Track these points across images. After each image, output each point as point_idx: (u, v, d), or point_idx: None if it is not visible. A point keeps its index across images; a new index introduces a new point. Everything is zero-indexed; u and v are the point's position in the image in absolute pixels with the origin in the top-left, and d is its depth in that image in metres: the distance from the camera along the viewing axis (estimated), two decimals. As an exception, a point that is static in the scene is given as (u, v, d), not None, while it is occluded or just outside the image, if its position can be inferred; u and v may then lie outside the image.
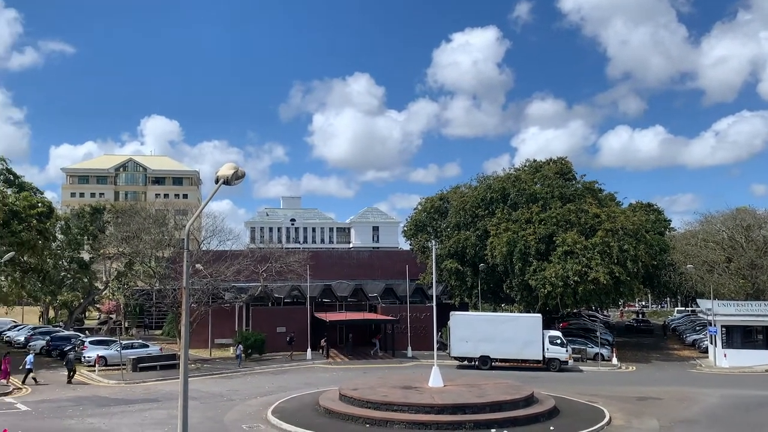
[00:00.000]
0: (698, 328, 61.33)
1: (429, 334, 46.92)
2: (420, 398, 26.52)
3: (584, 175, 58.26)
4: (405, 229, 62.53)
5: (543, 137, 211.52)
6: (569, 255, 48.28)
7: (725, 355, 46.61)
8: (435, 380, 29.40)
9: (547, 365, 44.07)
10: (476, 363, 44.28)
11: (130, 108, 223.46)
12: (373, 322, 55.17)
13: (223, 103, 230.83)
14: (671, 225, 71.51)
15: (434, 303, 33.29)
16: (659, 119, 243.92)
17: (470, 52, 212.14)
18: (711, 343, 50.29)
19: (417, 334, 52.18)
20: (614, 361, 48.16)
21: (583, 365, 46.91)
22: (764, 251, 55.48)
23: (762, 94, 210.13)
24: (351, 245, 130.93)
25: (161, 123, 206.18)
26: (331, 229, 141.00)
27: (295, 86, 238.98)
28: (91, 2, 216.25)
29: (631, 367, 47.11)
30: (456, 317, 45.79)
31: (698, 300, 61.07)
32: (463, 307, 55.07)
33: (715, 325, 47.43)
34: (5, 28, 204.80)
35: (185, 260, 13.73)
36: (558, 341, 44.76)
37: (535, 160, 59.99)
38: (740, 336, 47.42)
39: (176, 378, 37.38)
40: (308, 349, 49.53)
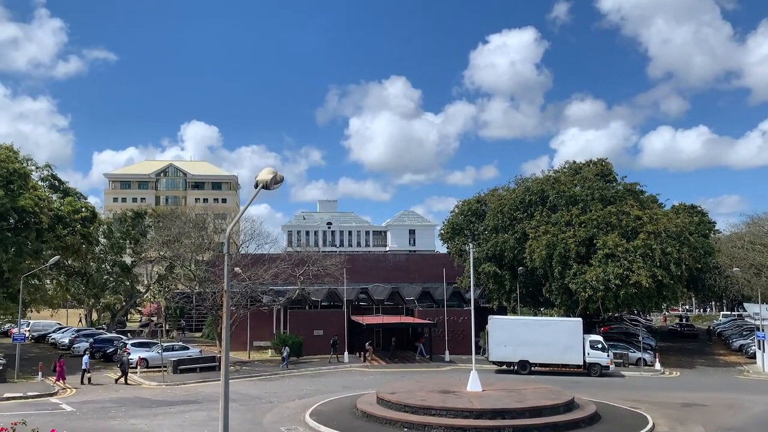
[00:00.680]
0: (745, 333, 59.67)
1: (467, 338, 46.43)
2: (458, 403, 26.24)
3: (625, 177, 57.15)
4: (442, 232, 62.16)
5: (582, 138, 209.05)
6: (610, 258, 47.44)
7: (774, 361, 45.22)
8: (473, 384, 29.12)
9: (588, 370, 43.33)
10: (515, 367, 43.76)
11: (171, 114, 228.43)
12: (411, 326, 55.00)
13: (261, 108, 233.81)
14: (716, 227, 69.69)
15: (472, 307, 33.07)
16: (703, 119, 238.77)
17: (508, 54, 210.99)
18: (759, 349, 48.80)
19: (455, 338, 51.84)
20: (657, 367, 47.12)
21: (625, 370, 46.05)
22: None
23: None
24: (387, 248, 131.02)
25: (201, 128, 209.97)
26: (368, 233, 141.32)
27: (332, 90, 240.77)
28: (133, 10, 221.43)
29: (675, 373, 46.01)
30: (494, 321, 45.34)
31: (745, 304, 59.42)
32: (502, 311, 54.55)
33: (764, 330, 45.99)
34: (51, 38, 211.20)
35: (226, 264, 13.82)
36: (599, 346, 44.00)
37: (575, 162, 59.10)
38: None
39: (215, 380, 37.85)
40: (345, 352, 49.60)
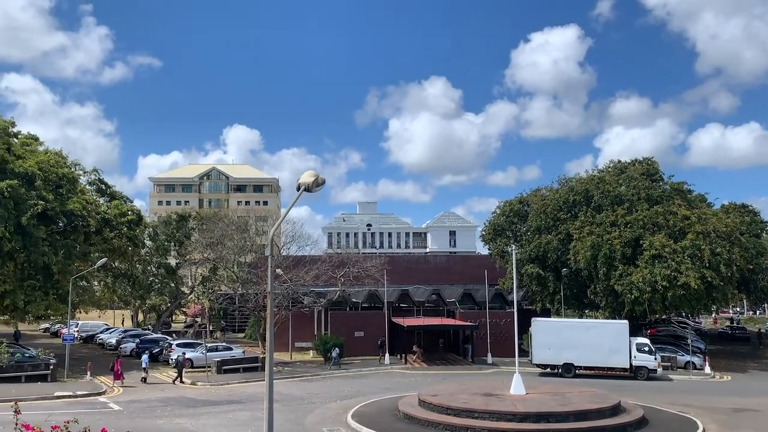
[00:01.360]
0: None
1: (509, 341, 46.05)
2: (501, 406, 25.90)
3: (672, 176, 56.01)
4: (483, 234, 61.65)
5: (628, 137, 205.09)
6: (657, 259, 46.41)
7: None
8: (516, 387, 28.71)
9: (635, 373, 42.44)
10: (559, 370, 43.12)
11: (214, 118, 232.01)
12: (452, 328, 54.66)
13: (301, 111, 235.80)
14: (768, 227, 67.50)
15: (515, 308, 32.59)
16: (754, 115, 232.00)
17: (550, 52, 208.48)
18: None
19: (497, 341, 51.30)
20: (707, 370, 45.86)
21: (673, 374, 44.96)
22: None
23: None
24: (427, 250, 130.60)
25: (243, 132, 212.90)
26: (407, 234, 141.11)
27: (371, 92, 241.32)
28: (176, 16, 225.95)
29: (726, 377, 44.69)
30: (538, 323, 44.74)
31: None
32: (545, 313, 53.90)
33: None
34: (97, 45, 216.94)
35: (269, 265, 13.89)
36: (646, 348, 43.03)
37: (620, 161, 58.05)
38: None
39: (258, 380, 38.19)
40: (386, 354, 49.54)
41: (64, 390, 33.70)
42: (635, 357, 42.58)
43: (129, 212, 50.63)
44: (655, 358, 42.97)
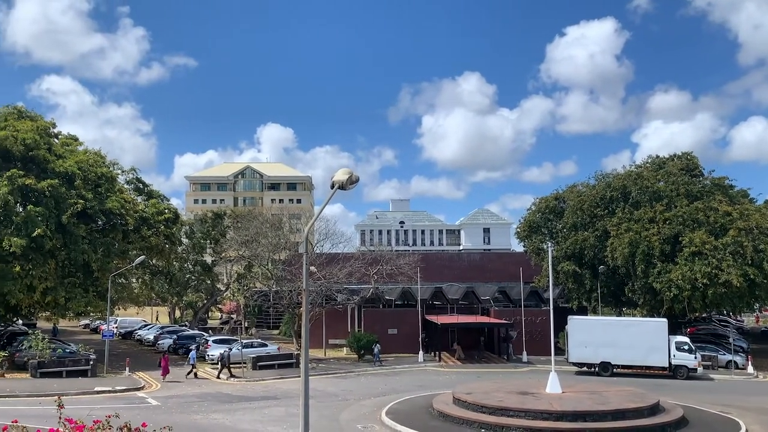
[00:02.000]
0: None
1: (545, 339, 45.46)
2: (537, 404, 25.60)
3: (713, 171, 54.73)
4: (518, 231, 61.09)
5: (667, 131, 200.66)
6: (697, 256, 45.42)
7: None
8: (553, 386, 28.39)
9: (674, 373, 41.63)
10: (596, 369, 42.53)
11: (248, 117, 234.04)
12: (487, 326, 54.29)
13: (334, 109, 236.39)
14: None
15: (551, 306, 32.25)
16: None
17: (586, 45, 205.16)
18: None
19: (532, 339, 50.80)
20: (749, 370, 44.77)
21: (714, 373, 44.00)
22: None
23: None
24: (461, 247, 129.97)
25: (276, 130, 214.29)
26: (441, 231, 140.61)
27: (404, 89, 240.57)
28: (212, 17, 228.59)
29: (770, 377, 43.53)
30: (574, 321, 44.18)
31: None
32: (582, 311, 53.23)
33: None
34: (134, 46, 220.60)
35: (304, 263, 13.93)
36: (685, 347, 42.17)
37: (658, 156, 56.94)
38: None
39: (293, 377, 38.46)
40: (420, 352, 49.44)
41: (104, 385, 34.38)
42: (674, 356, 41.78)
43: (166, 211, 51.41)
44: (695, 357, 42.10)
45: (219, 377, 38.89)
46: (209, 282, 67.11)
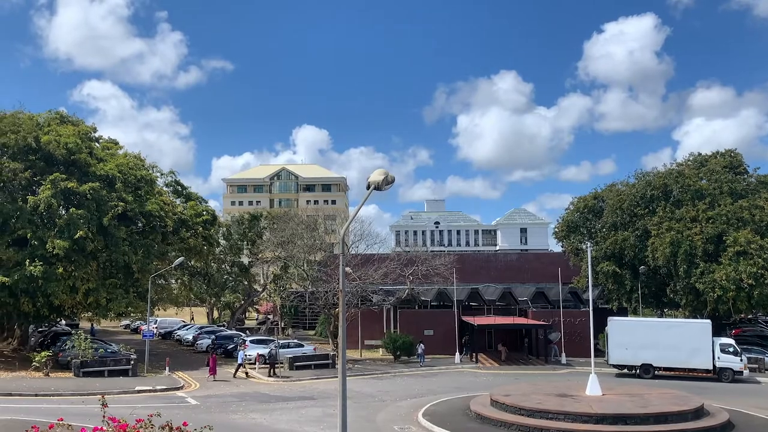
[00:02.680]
0: None
1: (584, 341, 44.85)
2: (577, 407, 25.22)
3: (758, 168, 53.23)
4: (556, 231, 60.30)
5: (709, 128, 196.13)
6: (742, 256, 44.24)
7: None
8: (592, 388, 27.92)
9: (719, 375, 40.61)
10: (637, 371, 41.75)
11: (283, 119, 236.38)
12: (524, 327, 53.70)
13: (369, 110, 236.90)
14: None
15: (590, 307, 31.74)
16: None
17: (625, 42, 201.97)
18: None
19: (571, 340, 50.04)
20: (799, 374, 43.34)
21: (761, 376, 42.84)
22: None
23: None
24: (497, 248, 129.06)
25: (311, 132, 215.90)
26: (476, 232, 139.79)
27: (439, 88, 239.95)
28: (247, 20, 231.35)
29: (821, 381, 42.08)
30: (614, 322, 43.39)
31: None
32: (622, 312, 52.38)
33: None
34: (172, 51, 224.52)
35: (341, 264, 13.92)
36: (730, 349, 41.05)
37: (700, 154, 55.55)
38: None
39: (329, 377, 38.57)
40: (456, 353, 49.12)
41: (144, 384, 34.90)
42: (719, 358, 40.74)
43: (204, 212, 52.10)
44: (741, 360, 40.96)
45: (271, 374, 39.55)
46: (246, 283, 67.80)
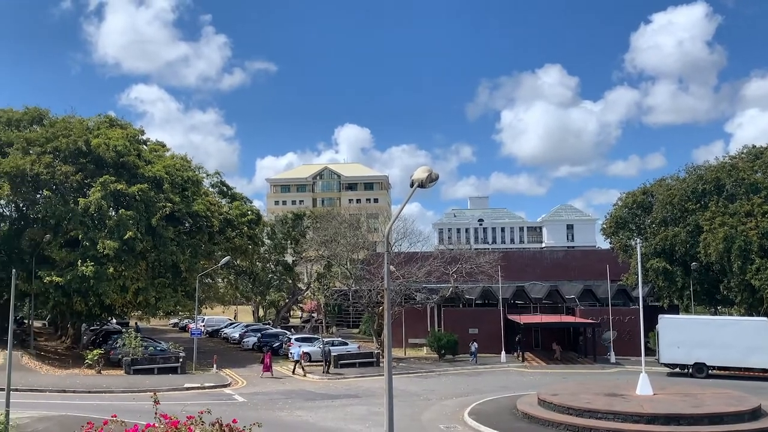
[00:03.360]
0: None
1: (634, 339, 43.82)
2: (627, 406, 24.58)
3: (816, 160, 51.14)
4: (604, 227, 59.18)
5: (763, 120, 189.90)
6: (800, 251, 42.62)
7: None
8: (643, 388, 27.18)
9: (777, 375, 39.15)
10: (689, 370, 40.55)
11: (326, 118, 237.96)
12: (571, 326, 52.78)
13: (411, 108, 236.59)
14: None
15: (641, 305, 30.86)
16: None
17: (674, 33, 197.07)
18: None
19: (620, 339, 48.93)
20: None
21: (822, 377, 40.96)
22: None
23: None
24: (543, 245, 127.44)
25: (353, 131, 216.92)
26: (521, 229, 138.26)
27: (482, 84, 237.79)
28: (290, 20, 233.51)
29: None
30: (665, 320, 42.27)
31: None
32: (673, 310, 51.19)
33: None
34: (217, 53, 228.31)
35: (385, 262, 13.97)
36: (789, 348, 39.50)
37: (755, 146, 53.78)
38: None
39: (374, 375, 38.55)
40: (502, 352, 48.54)
41: (193, 382, 35.49)
42: (776, 357, 39.29)
43: (249, 212, 52.80)
44: (800, 359, 39.41)
45: (326, 372, 39.89)
46: (290, 281, 68.50)
